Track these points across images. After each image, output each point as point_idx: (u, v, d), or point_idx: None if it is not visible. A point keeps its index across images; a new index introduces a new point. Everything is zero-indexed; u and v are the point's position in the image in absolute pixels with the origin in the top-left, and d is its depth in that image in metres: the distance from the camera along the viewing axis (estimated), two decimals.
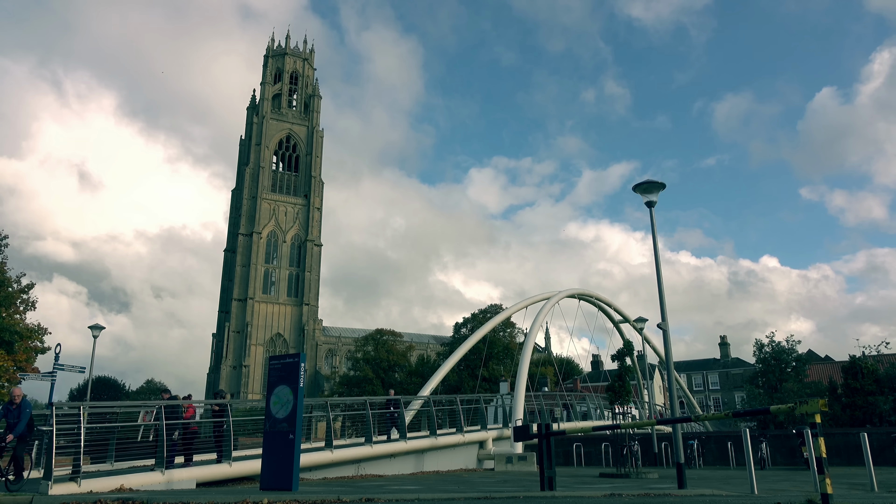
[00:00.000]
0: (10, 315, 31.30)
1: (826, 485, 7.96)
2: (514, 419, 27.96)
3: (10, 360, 29.48)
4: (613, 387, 25.04)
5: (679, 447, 15.00)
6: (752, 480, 12.73)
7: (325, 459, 18.67)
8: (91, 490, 12.20)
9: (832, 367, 71.34)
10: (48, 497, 11.03)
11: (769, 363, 59.45)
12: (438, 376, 34.80)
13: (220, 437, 16.19)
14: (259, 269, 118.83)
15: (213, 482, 15.28)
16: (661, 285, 16.25)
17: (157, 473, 14.01)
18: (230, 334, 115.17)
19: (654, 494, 11.32)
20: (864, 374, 47.53)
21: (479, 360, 59.82)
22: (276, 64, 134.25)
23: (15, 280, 32.55)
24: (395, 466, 21.44)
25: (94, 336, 29.26)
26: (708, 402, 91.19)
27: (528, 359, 33.48)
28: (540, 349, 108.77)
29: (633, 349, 28.50)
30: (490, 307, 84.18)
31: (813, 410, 8.40)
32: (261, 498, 9.83)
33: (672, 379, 16.43)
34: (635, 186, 16.54)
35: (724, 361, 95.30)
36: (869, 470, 15.00)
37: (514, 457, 25.22)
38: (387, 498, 10.09)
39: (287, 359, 13.18)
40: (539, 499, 10.53)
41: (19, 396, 13.13)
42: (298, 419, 12.38)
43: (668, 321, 16.38)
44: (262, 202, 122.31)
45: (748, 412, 11.29)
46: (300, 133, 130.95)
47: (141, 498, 9.95)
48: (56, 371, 26.13)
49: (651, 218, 16.59)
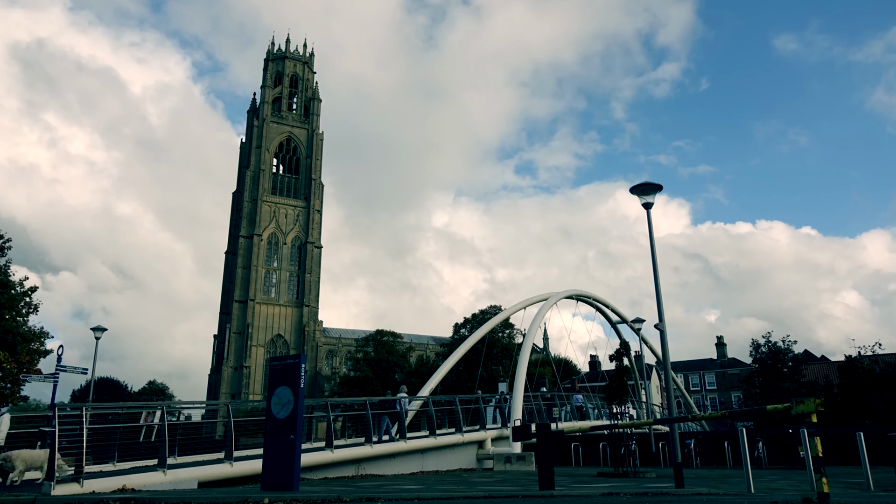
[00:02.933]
0: (13, 317, 31.41)
1: (822, 484, 8.08)
2: (513, 419, 28.07)
3: (13, 361, 29.59)
4: (611, 386, 25.13)
5: (676, 446, 15.12)
6: (749, 479, 12.83)
7: (326, 459, 18.78)
8: (94, 490, 12.30)
9: (828, 367, 71.48)
10: (51, 497, 11.12)
11: (766, 363, 59.63)
12: (438, 377, 34.90)
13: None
14: (260, 270, 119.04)
15: (215, 482, 15.39)
16: (659, 286, 16.38)
17: (159, 473, 14.11)
18: (231, 336, 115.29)
19: (651, 493, 11.43)
20: (860, 374, 47.71)
21: (478, 360, 59.90)
22: (276, 67, 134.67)
23: (18, 283, 32.64)
24: (395, 466, 21.55)
25: (96, 338, 29.40)
26: (705, 402, 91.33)
27: (527, 359, 33.58)
28: (538, 350, 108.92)
29: (630, 349, 28.64)
30: (489, 308, 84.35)
31: (809, 410, 8.54)
32: (262, 497, 9.95)
33: (669, 379, 16.54)
34: (633, 188, 16.64)
35: (721, 361, 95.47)
36: (865, 469, 15.12)
37: (512, 456, 25.33)
38: (387, 497, 10.22)
39: (288, 360, 13.30)
40: (538, 498, 10.64)
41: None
42: (299, 420, 12.50)
43: (665, 322, 16.51)
44: (263, 204, 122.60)
45: (745, 412, 11.46)
46: (300, 136, 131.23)
47: (143, 498, 10.06)
48: (58, 372, 26.27)
49: (648, 219, 16.71)
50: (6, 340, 30.12)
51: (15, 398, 32.03)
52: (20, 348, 30.71)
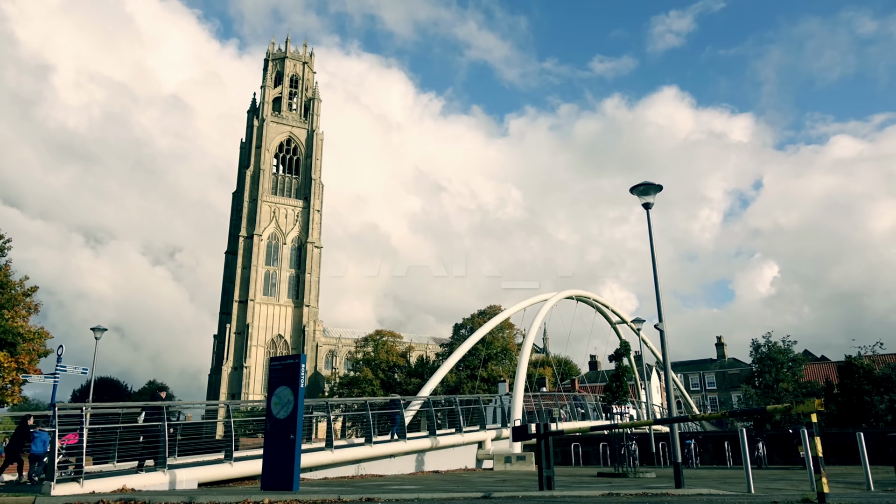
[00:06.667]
0: (14, 317, 31.41)
1: (822, 484, 8.09)
2: (513, 419, 28.09)
3: (13, 361, 29.58)
4: (611, 387, 25.16)
5: (676, 447, 15.13)
6: (749, 480, 12.85)
7: (326, 460, 18.79)
8: (93, 490, 12.30)
9: (828, 367, 71.53)
10: (51, 497, 11.13)
11: (765, 363, 59.64)
12: (438, 377, 34.93)
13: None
14: (260, 270, 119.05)
15: (215, 482, 15.40)
16: (658, 286, 16.39)
17: (159, 473, 14.12)
18: (231, 336, 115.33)
19: (651, 494, 11.44)
20: (860, 374, 47.72)
21: (478, 360, 60.00)
22: (276, 67, 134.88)
23: (18, 283, 32.64)
24: (395, 466, 21.56)
25: (96, 338, 29.40)
26: (705, 402, 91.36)
27: (527, 359, 33.63)
28: (538, 350, 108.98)
29: (630, 349, 28.65)
30: (489, 308, 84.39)
31: (809, 410, 8.54)
32: (262, 498, 9.96)
33: (669, 379, 16.56)
34: (633, 188, 16.65)
35: (721, 361, 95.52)
36: (865, 469, 15.13)
37: (512, 456, 25.34)
38: (387, 498, 10.22)
39: (288, 360, 13.32)
40: (538, 498, 10.64)
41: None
42: (299, 420, 12.51)
43: (664, 322, 16.52)
44: (263, 204, 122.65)
45: (745, 412, 11.48)
46: (300, 136, 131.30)
47: (143, 498, 10.07)
48: (58, 372, 26.27)
49: (648, 219, 16.73)
50: (6, 340, 30.11)
51: (15, 398, 32.05)
52: (20, 348, 30.70)
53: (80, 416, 13.67)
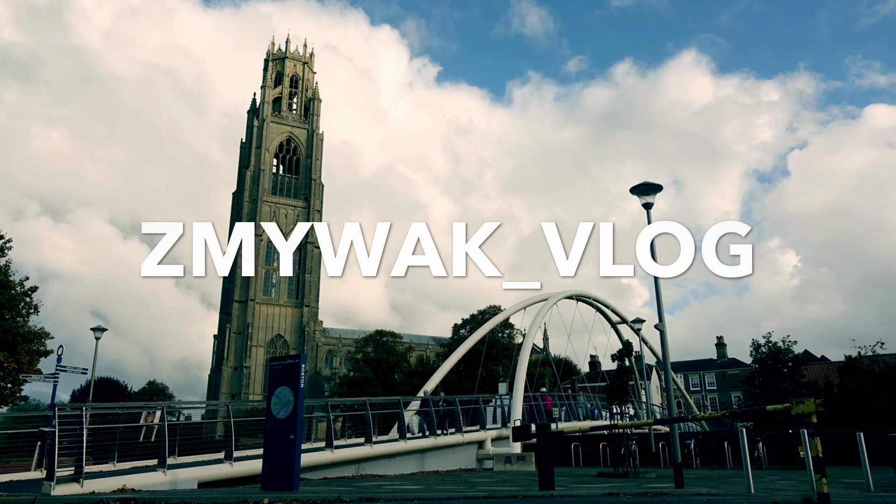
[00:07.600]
0: (13, 317, 31.41)
1: (822, 484, 8.07)
2: (513, 419, 28.08)
3: (13, 361, 29.58)
4: (612, 386, 25.14)
5: (676, 447, 15.13)
6: (749, 480, 12.83)
7: (326, 459, 18.79)
8: (94, 490, 12.30)
9: (828, 367, 71.48)
10: (51, 497, 11.13)
11: (766, 363, 59.64)
12: (437, 377, 34.93)
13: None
14: (260, 270, 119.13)
15: (215, 482, 15.40)
16: (659, 287, 16.38)
17: (159, 473, 14.12)
18: (231, 336, 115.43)
19: (651, 493, 11.43)
20: (861, 374, 47.71)
21: (477, 360, 59.92)
22: (276, 67, 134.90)
23: (18, 283, 32.64)
24: (395, 466, 21.55)
25: (96, 338, 29.42)
26: (705, 403, 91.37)
27: (527, 359, 33.64)
28: (538, 350, 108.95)
29: (632, 349, 28.59)
30: (489, 308, 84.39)
31: (809, 410, 8.51)
32: (262, 498, 9.95)
33: (669, 379, 16.56)
34: (633, 189, 16.64)
35: (721, 362, 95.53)
36: (865, 469, 15.14)
37: (512, 456, 25.33)
38: (387, 497, 10.22)
39: (288, 360, 13.31)
40: (538, 498, 10.64)
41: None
42: (299, 420, 12.51)
43: (665, 322, 16.52)
44: (263, 205, 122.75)
45: (745, 412, 11.47)
46: (300, 136, 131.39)
47: (143, 498, 10.06)
48: (59, 372, 26.29)
49: (648, 219, 16.71)
50: (6, 340, 30.11)
51: (15, 398, 32.05)
52: (20, 348, 30.70)
53: (80, 417, 13.67)
